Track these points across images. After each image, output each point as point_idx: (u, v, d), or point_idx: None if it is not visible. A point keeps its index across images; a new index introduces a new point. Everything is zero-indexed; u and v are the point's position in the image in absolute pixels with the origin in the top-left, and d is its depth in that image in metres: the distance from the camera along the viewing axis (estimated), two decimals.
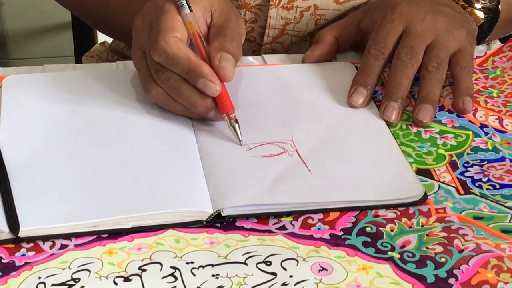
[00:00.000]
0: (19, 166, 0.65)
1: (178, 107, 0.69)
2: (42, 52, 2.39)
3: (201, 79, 0.66)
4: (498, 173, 0.67)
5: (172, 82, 0.68)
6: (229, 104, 0.68)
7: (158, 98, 0.69)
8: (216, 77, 0.67)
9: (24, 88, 0.75)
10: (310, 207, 0.63)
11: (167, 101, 0.69)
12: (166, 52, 0.67)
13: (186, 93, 0.68)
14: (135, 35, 0.72)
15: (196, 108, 0.68)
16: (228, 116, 0.68)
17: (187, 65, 0.67)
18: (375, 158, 0.68)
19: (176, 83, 0.68)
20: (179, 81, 0.67)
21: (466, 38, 0.78)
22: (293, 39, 0.90)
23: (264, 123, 0.71)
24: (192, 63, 0.67)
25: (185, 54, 0.67)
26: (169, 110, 0.70)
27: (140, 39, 0.71)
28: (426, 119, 0.72)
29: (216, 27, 0.71)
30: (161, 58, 0.67)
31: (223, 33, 0.70)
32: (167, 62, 0.67)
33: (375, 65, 0.76)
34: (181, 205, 0.62)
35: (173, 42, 0.67)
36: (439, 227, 0.61)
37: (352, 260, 0.58)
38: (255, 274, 0.57)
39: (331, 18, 0.88)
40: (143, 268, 0.57)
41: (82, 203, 0.61)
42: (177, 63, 0.67)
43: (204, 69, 0.67)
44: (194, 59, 0.67)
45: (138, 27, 0.72)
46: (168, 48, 0.67)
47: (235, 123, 0.68)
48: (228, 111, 0.68)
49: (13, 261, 0.57)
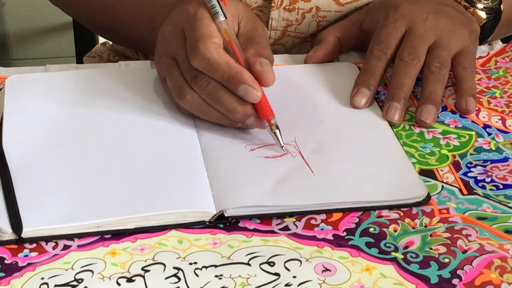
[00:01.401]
0: (22, 166, 0.65)
1: (214, 114, 0.69)
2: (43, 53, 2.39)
3: (242, 85, 0.66)
4: (501, 174, 0.67)
5: (210, 88, 0.67)
6: (269, 110, 0.67)
7: (192, 104, 0.68)
8: (257, 83, 0.67)
9: (27, 88, 0.75)
10: (313, 208, 0.63)
11: (202, 107, 0.68)
12: (207, 58, 0.66)
13: (225, 99, 0.67)
14: (163, 42, 0.71)
15: (235, 114, 0.67)
16: (269, 123, 0.67)
17: (228, 72, 0.66)
18: (378, 158, 0.68)
19: (214, 89, 0.67)
20: (218, 87, 0.67)
21: (469, 39, 0.78)
22: (295, 40, 0.90)
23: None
24: (233, 69, 0.66)
25: (225, 61, 0.66)
26: (203, 117, 0.69)
27: (170, 46, 0.70)
28: (429, 119, 0.72)
29: (245, 36, 0.71)
30: (201, 64, 0.66)
31: (255, 40, 0.70)
32: (207, 68, 0.66)
33: (378, 65, 0.76)
34: (184, 206, 0.62)
35: (213, 48, 0.66)
36: (442, 227, 0.61)
37: (356, 261, 0.58)
38: (259, 275, 0.57)
39: (333, 20, 0.88)
40: (146, 269, 0.57)
41: (85, 204, 0.61)
42: (217, 69, 0.66)
43: (245, 75, 0.66)
44: (235, 65, 0.67)
45: (167, 34, 0.71)
46: (208, 54, 0.66)
47: (276, 129, 0.68)
48: (268, 117, 0.67)
49: (16, 262, 0.57)
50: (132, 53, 1.02)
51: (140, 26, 0.80)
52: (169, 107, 0.73)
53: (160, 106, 0.73)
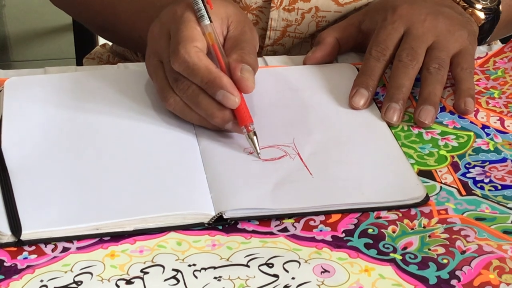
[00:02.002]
0: (21, 168, 0.65)
1: (195, 116, 0.69)
2: (43, 55, 2.39)
3: (221, 90, 0.66)
4: (500, 174, 0.67)
5: (190, 92, 0.67)
6: (247, 116, 0.68)
7: (175, 107, 0.69)
8: (236, 89, 0.67)
9: (26, 90, 0.75)
10: (312, 209, 0.63)
11: (184, 110, 0.69)
12: (187, 61, 0.66)
13: (204, 103, 0.67)
14: (151, 42, 0.72)
15: (214, 119, 0.67)
16: (246, 129, 0.68)
17: (207, 76, 0.66)
18: (377, 159, 0.68)
19: (194, 93, 0.67)
20: (197, 91, 0.67)
21: (467, 39, 0.78)
22: (294, 41, 0.90)
23: (265, 125, 0.71)
24: (212, 74, 0.66)
25: (205, 65, 0.67)
26: (185, 119, 0.70)
27: (157, 47, 0.70)
28: (427, 120, 0.72)
29: (232, 39, 0.71)
30: (181, 67, 0.67)
31: (240, 45, 0.70)
32: (187, 72, 0.67)
33: (376, 66, 0.76)
34: (183, 208, 0.62)
35: (193, 52, 0.66)
36: (441, 228, 0.61)
37: (354, 262, 0.58)
38: (257, 276, 0.57)
39: (332, 20, 0.88)
40: (145, 271, 0.57)
41: (84, 206, 0.61)
42: (197, 73, 0.66)
43: (224, 80, 0.66)
44: (214, 70, 0.67)
45: (154, 35, 0.71)
46: (188, 57, 0.66)
47: (253, 136, 0.68)
48: (246, 124, 0.68)
49: (15, 264, 0.57)
50: (131, 54, 1.03)
51: (139, 27, 0.80)
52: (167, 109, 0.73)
53: (159, 108, 0.73)
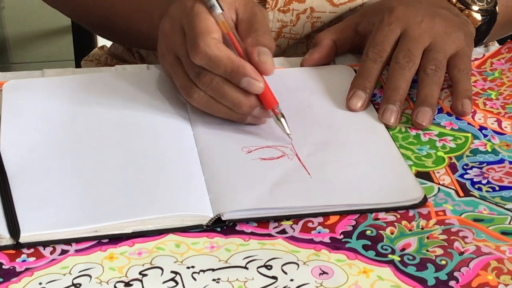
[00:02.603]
0: (20, 171, 0.65)
1: (221, 109, 0.69)
2: (42, 56, 2.40)
3: (245, 77, 0.66)
4: (498, 175, 0.67)
5: (214, 84, 0.67)
6: (272, 99, 0.68)
7: (200, 101, 0.69)
8: (258, 74, 0.67)
9: (24, 93, 0.75)
10: (310, 210, 0.63)
11: (210, 104, 0.69)
12: (208, 54, 0.66)
13: (229, 93, 0.67)
14: (164, 40, 0.71)
15: (241, 107, 0.68)
16: (273, 111, 0.68)
17: (230, 66, 0.66)
18: (375, 161, 0.68)
19: (219, 85, 0.67)
20: (221, 82, 0.67)
21: (464, 41, 0.78)
22: (289, 41, 0.90)
23: (264, 126, 0.72)
24: (234, 63, 0.66)
25: (226, 55, 0.67)
26: (212, 113, 0.70)
27: (172, 44, 0.70)
28: (425, 121, 0.72)
29: (244, 23, 0.71)
30: (202, 61, 0.67)
31: (254, 27, 0.70)
32: (209, 64, 0.67)
33: (374, 68, 0.76)
34: (182, 210, 0.62)
35: (213, 44, 0.66)
36: (439, 229, 0.62)
37: (353, 264, 0.58)
38: (256, 278, 0.57)
39: (328, 21, 0.88)
40: (144, 273, 0.57)
41: (83, 208, 0.61)
42: (219, 64, 0.66)
43: (247, 67, 0.67)
44: (236, 59, 0.67)
45: (166, 32, 0.71)
46: (209, 50, 0.66)
47: (282, 117, 0.68)
48: (273, 106, 0.68)
49: (14, 267, 0.58)
50: (129, 56, 1.03)
51: (138, 22, 0.80)
52: (165, 111, 0.73)
53: (156, 109, 0.73)
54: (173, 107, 0.74)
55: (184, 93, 0.70)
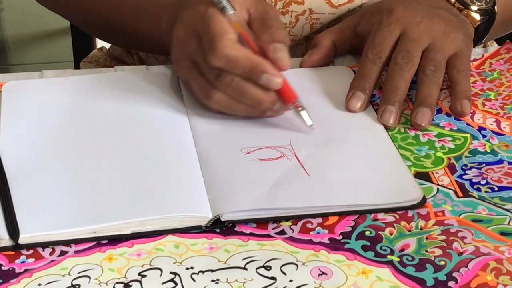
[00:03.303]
0: (19, 172, 0.65)
1: (241, 108, 0.70)
2: (41, 58, 2.40)
3: (264, 74, 0.67)
4: (497, 176, 0.67)
5: (235, 84, 0.68)
6: (292, 93, 0.70)
7: (220, 102, 0.70)
8: (276, 70, 0.68)
9: (23, 94, 0.75)
10: (309, 211, 0.63)
11: (230, 104, 0.70)
12: (227, 55, 0.67)
13: (250, 92, 0.69)
14: (178, 46, 0.72)
15: (263, 104, 0.69)
16: (294, 105, 0.70)
17: (249, 64, 0.67)
18: (374, 162, 0.68)
19: (239, 84, 0.68)
20: (241, 82, 0.68)
21: (463, 41, 0.78)
22: None
23: (263, 127, 0.72)
24: (253, 61, 0.68)
25: (244, 55, 0.68)
26: (231, 113, 0.71)
27: (187, 49, 0.71)
28: (424, 122, 0.73)
29: (257, 21, 0.72)
30: (221, 62, 0.68)
31: (267, 24, 0.71)
32: (229, 65, 0.68)
33: (373, 69, 0.76)
34: (181, 210, 0.62)
35: (230, 45, 0.67)
36: (438, 230, 0.62)
37: (352, 264, 0.58)
38: (255, 279, 0.57)
39: (327, 22, 0.88)
40: (143, 274, 0.57)
41: (82, 209, 0.62)
42: (238, 64, 0.67)
43: (265, 64, 0.68)
44: (254, 57, 0.68)
45: (181, 38, 0.72)
46: (228, 51, 0.67)
47: (303, 110, 0.70)
48: (293, 100, 0.69)
49: (13, 268, 0.58)
50: (128, 58, 1.03)
51: (145, 27, 0.80)
52: (164, 112, 0.73)
53: (155, 111, 0.73)
54: (172, 108, 0.74)
55: (203, 96, 0.71)
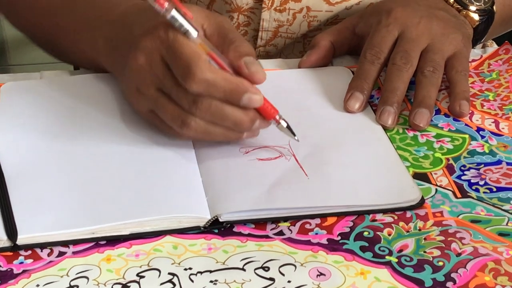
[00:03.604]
0: (17, 173, 0.65)
1: (219, 132, 0.66)
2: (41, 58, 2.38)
3: (245, 94, 0.64)
4: (495, 176, 0.68)
5: (214, 108, 0.64)
6: (272, 108, 0.66)
7: (197, 129, 0.65)
8: (256, 87, 0.65)
9: (21, 95, 0.75)
10: (308, 212, 0.63)
11: (208, 129, 0.66)
12: (206, 80, 0.63)
13: (230, 114, 0.65)
14: (138, 75, 0.66)
15: (243, 125, 0.65)
16: (276, 121, 0.66)
17: (228, 86, 0.64)
18: (372, 162, 0.68)
19: (218, 108, 0.64)
20: (220, 105, 0.64)
21: (462, 42, 0.78)
22: (286, 41, 0.90)
23: None
24: (232, 82, 0.64)
25: (222, 77, 0.64)
26: (209, 139, 0.67)
27: (152, 77, 0.66)
28: (422, 123, 0.73)
29: (215, 37, 0.67)
30: (201, 87, 0.63)
31: (228, 39, 0.67)
32: (208, 89, 0.63)
33: (371, 69, 0.76)
34: (179, 211, 0.62)
35: (206, 68, 0.63)
36: (436, 231, 0.62)
37: (350, 265, 0.58)
38: (253, 280, 0.57)
39: (324, 19, 0.88)
40: (141, 275, 0.57)
41: (80, 210, 0.61)
42: (218, 87, 0.63)
43: (245, 84, 0.64)
44: (232, 78, 0.64)
45: (142, 66, 0.66)
46: (206, 75, 0.63)
47: (285, 124, 0.67)
48: (274, 116, 0.66)
49: (11, 269, 0.58)
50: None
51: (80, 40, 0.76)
52: None
53: None
54: None
55: (178, 126, 0.66)
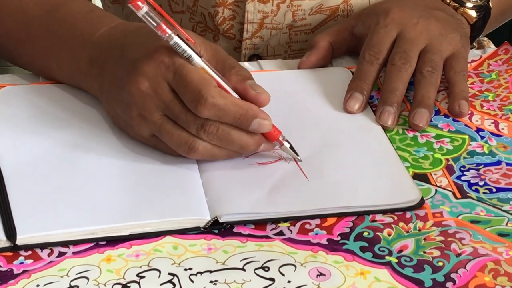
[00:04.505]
0: (17, 174, 0.65)
1: (224, 153, 0.67)
2: None
3: (255, 120, 0.64)
4: (495, 177, 0.68)
5: (221, 132, 0.65)
6: (277, 131, 0.67)
7: (205, 153, 0.66)
8: (265, 113, 0.65)
9: (20, 98, 0.75)
10: (308, 212, 0.63)
11: (214, 152, 0.66)
12: (216, 105, 0.63)
13: (237, 138, 0.65)
14: (143, 99, 0.66)
15: (249, 148, 0.66)
16: (280, 143, 0.67)
17: (239, 111, 0.64)
18: (372, 163, 0.68)
19: (225, 132, 0.65)
20: (227, 129, 0.65)
21: (460, 42, 0.78)
22: (272, 32, 0.90)
23: None
24: (242, 107, 0.64)
25: (232, 102, 0.64)
26: (213, 159, 0.67)
27: (157, 103, 0.65)
28: (422, 123, 0.73)
29: (213, 62, 0.67)
30: (211, 112, 0.63)
31: (227, 64, 0.67)
32: (218, 114, 0.64)
33: (370, 70, 0.76)
34: (179, 212, 0.62)
35: (216, 94, 0.64)
36: (436, 231, 0.62)
37: (350, 265, 0.58)
38: (253, 280, 0.57)
39: (308, 8, 0.88)
40: (141, 275, 0.57)
41: (80, 211, 0.62)
42: (228, 112, 0.64)
43: (254, 109, 0.65)
44: (241, 103, 0.65)
45: (146, 92, 0.65)
46: (216, 100, 0.63)
47: (288, 145, 0.67)
48: (277, 138, 0.67)
49: (11, 269, 0.57)
50: None
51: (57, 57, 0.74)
52: None
53: None
54: None
55: (185, 150, 0.66)
